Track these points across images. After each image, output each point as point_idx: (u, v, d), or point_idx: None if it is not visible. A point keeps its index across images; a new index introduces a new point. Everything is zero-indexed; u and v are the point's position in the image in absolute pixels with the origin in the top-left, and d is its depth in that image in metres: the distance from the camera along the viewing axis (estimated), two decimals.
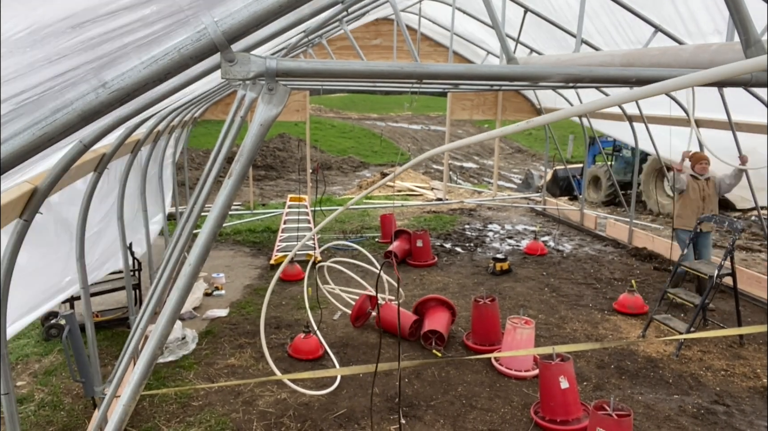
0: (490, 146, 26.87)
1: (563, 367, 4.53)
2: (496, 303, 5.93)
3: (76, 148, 2.73)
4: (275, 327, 6.34)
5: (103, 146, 3.97)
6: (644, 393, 5.08)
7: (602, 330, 6.40)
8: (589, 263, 8.80)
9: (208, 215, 1.71)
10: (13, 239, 2.64)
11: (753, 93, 6.22)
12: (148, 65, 1.46)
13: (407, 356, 5.74)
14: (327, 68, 1.87)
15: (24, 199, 2.66)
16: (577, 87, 8.32)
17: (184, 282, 1.70)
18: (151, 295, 3.63)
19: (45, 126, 1.40)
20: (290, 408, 4.78)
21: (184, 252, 3.08)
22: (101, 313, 6.19)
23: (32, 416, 4.64)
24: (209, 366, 5.47)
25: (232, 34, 1.50)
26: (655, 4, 5.83)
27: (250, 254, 9.15)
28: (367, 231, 10.53)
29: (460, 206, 13.07)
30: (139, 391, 1.73)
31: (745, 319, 6.75)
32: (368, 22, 10.77)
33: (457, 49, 11.24)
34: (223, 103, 10.73)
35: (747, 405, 4.90)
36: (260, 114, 1.65)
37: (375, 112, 37.16)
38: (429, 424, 4.59)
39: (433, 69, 2.08)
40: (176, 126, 7.79)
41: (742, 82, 2.31)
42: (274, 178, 19.81)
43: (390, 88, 10.06)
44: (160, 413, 4.68)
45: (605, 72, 2.29)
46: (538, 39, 8.57)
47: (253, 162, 1.77)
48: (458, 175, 20.57)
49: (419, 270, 8.45)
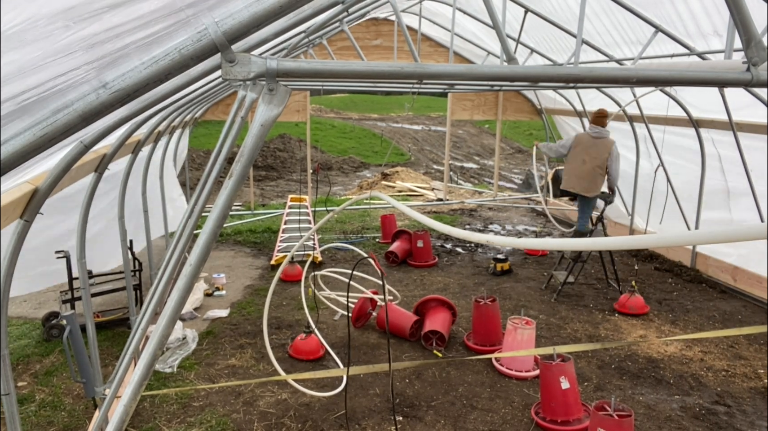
0: (490, 146, 26.88)
1: (564, 368, 4.53)
2: (496, 304, 5.93)
3: (77, 149, 2.73)
4: (276, 328, 6.34)
5: (103, 146, 3.98)
6: (645, 394, 5.08)
7: (603, 330, 6.40)
8: (589, 263, 8.80)
9: (208, 215, 1.71)
10: (13, 239, 2.64)
11: (753, 93, 6.22)
12: (149, 65, 1.46)
13: (408, 356, 5.74)
14: (327, 68, 1.87)
15: (25, 199, 2.66)
16: (577, 87, 8.33)
17: (185, 283, 1.70)
18: (152, 296, 3.63)
19: (45, 126, 1.40)
20: (291, 408, 4.79)
21: (185, 253, 3.08)
22: (102, 313, 6.19)
23: (33, 416, 4.64)
24: (210, 366, 5.47)
25: (233, 35, 1.50)
26: (655, 4, 5.83)
27: (251, 254, 9.15)
28: (368, 232, 10.53)
29: (460, 206, 13.07)
30: (140, 392, 1.73)
31: (746, 319, 6.75)
32: (368, 23, 10.77)
33: (458, 50, 11.24)
34: (223, 103, 10.73)
35: (748, 406, 4.90)
36: (261, 114, 1.65)
37: (375, 113, 37.16)
38: (430, 425, 4.59)
39: (433, 69, 2.08)
40: (177, 126, 7.79)
41: (742, 81, 2.30)
42: (274, 179, 19.82)
43: (390, 88, 10.07)
44: (160, 413, 4.68)
45: (606, 72, 2.29)
46: (539, 40, 8.57)
47: (253, 162, 1.77)
48: (459, 176, 20.57)
49: (420, 270, 8.44)
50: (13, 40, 1.12)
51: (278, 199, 15.77)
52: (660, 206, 8.03)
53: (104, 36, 1.45)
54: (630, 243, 2.56)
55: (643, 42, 6.18)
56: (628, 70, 2.35)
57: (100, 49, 1.50)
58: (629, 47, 7.05)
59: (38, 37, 1.20)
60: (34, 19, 1.15)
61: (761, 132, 6.66)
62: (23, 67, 1.28)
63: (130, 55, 1.62)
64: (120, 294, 6.37)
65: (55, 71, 1.43)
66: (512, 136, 29.43)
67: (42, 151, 1.43)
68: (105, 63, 1.58)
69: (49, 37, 1.22)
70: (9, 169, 1.41)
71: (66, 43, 1.34)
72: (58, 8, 1.17)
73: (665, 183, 8.21)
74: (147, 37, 1.66)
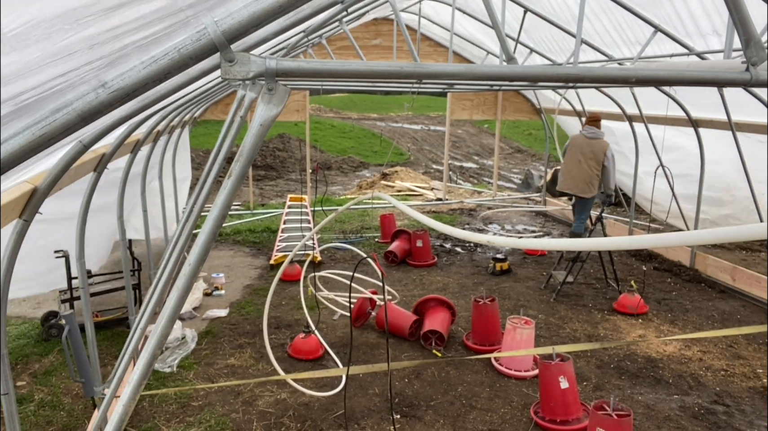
0: (489, 146, 26.88)
1: (563, 367, 4.53)
2: (496, 303, 5.93)
3: (76, 148, 2.73)
4: (275, 327, 6.34)
5: (102, 146, 3.98)
6: (644, 393, 5.08)
7: (602, 330, 6.40)
8: (589, 263, 8.80)
9: (207, 215, 1.71)
10: (13, 239, 2.64)
11: (753, 93, 6.22)
12: (148, 65, 1.46)
13: (407, 356, 5.74)
14: (327, 68, 1.87)
15: (24, 198, 2.66)
16: (577, 87, 8.33)
17: (184, 282, 1.70)
18: (151, 295, 3.62)
19: (45, 126, 1.40)
20: (290, 408, 4.79)
21: (184, 252, 3.08)
22: (101, 313, 6.19)
23: (32, 416, 4.64)
24: (209, 366, 5.47)
25: (232, 34, 1.50)
26: (654, 4, 5.83)
27: (250, 254, 9.15)
28: (367, 232, 10.53)
29: (460, 206, 13.07)
30: (139, 391, 1.73)
31: (744, 319, 6.76)
32: (368, 22, 10.77)
33: (457, 50, 11.24)
34: (222, 103, 10.73)
35: (747, 406, 4.90)
36: (260, 114, 1.65)
37: (375, 112, 37.13)
38: (429, 424, 4.59)
39: (433, 69, 2.08)
40: (176, 126, 7.78)
41: (741, 81, 2.31)
42: (273, 178, 19.80)
43: (390, 88, 10.07)
44: (159, 413, 4.68)
45: (605, 72, 2.29)
46: (538, 40, 8.58)
47: (252, 162, 1.77)
48: (458, 175, 20.56)
49: (419, 270, 8.44)
50: (13, 41, 1.12)
51: (277, 198, 15.76)
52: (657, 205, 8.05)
53: (104, 37, 1.45)
54: (630, 243, 2.57)
55: (642, 42, 6.18)
56: (628, 69, 2.35)
57: (100, 50, 1.50)
58: (628, 47, 7.06)
59: (39, 39, 1.20)
60: (35, 21, 1.15)
61: (761, 132, 6.67)
62: (22, 69, 1.28)
63: (130, 55, 1.62)
64: (119, 294, 6.37)
65: (55, 72, 1.43)
66: (511, 135, 29.44)
67: (41, 150, 1.43)
68: (104, 63, 1.58)
69: (49, 38, 1.22)
70: (8, 168, 1.41)
71: (66, 44, 1.34)
72: (59, 10, 1.17)
73: (665, 183, 8.22)
74: (147, 37, 1.66)
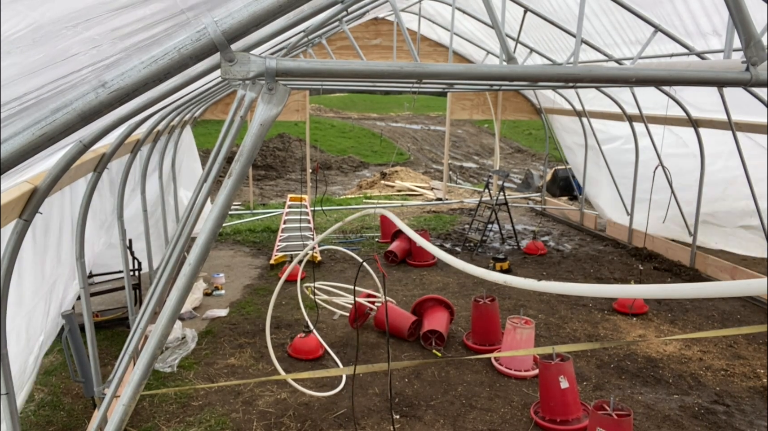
0: (489, 146, 26.88)
1: (563, 367, 4.53)
2: (495, 303, 5.93)
3: (76, 148, 2.73)
4: (275, 327, 6.34)
5: (102, 146, 3.98)
6: (644, 393, 5.08)
7: (602, 330, 6.40)
8: (589, 263, 8.81)
9: (207, 215, 1.71)
10: (13, 239, 2.64)
11: (753, 93, 6.22)
12: (148, 65, 1.46)
13: (407, 356, 5.74)
14: (327, 68, 1.87)
15: (24, 198, 2.66)
16: (576, 87, 8.33)
17: (184, 282, 1.70)
18: (151, 295, 3.63)
19: (45, 126, 1.40)
20: (290, 408, 4.79)
21: (184, 252, 3.08)
22: (101, 313, 6.19)
23: (32, 416, 4.64)
24: (209, 366, 5.47)
25: (232, 34, 1.50)
26: (654, 4, 5.82)
27: (250, 254, 9.15)
28: (367, 231, 10.53)
29: (459, 206, 13.07)
30: (139, 391, 1.73)
31: (744, 319, 6.76)
32: (368, 22, 10.77)
33: (457, 49, 11.23)
34: (222, 102, 10.73)
35: (747, 405, 4.90)
36: (260, 114, 1.65)
37: (375, 112, 37.13)
38: (429, 424, 4.59)
39: (433, 69, 2.08)
40: (176, 126, 7.78)
41: (741, 81, 2.31)
42: (273, 178, 19.80)
43: (390, 87, 10.05)
44: (159, 413, 4.68)
45: (605, 72, 2.29)
46: (538, 39, 8.57)
47: (252, 162, 1.77)
48: (458, 175, 20.56)
49: (419, 270, 8.44)
50: (15, 43, 1.12)
51: (277, 198, 15.76)
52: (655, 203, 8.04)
53: (106, 38, 1.45)
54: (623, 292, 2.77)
55: (642, 42, 6.18)
56: (628, 69, 2.35)
57: (101, 51, 1.50)
58: (628, 47, 7.05)
59: (41, 41, 1.20)
60: (37, 24, 1.15)
61: (761, 132, 6.67)
62: (24, 71, 1.28)
63: (131, 56, 1.62)
64: (119, 294, 6.37)
65: (57, 73, 1.43)
66: (511, 135, 29.44)
67: (41, 150, 1.43)
68: (106, 66, 1.58)
69: (52, 40, 1.22)
70: (8, 168, 1.41)
71: (67, 45, 1.34)
72: (60, 14, 1.17)
73: (665, 182, 8.21)
74: (148, 38, 1.66)
